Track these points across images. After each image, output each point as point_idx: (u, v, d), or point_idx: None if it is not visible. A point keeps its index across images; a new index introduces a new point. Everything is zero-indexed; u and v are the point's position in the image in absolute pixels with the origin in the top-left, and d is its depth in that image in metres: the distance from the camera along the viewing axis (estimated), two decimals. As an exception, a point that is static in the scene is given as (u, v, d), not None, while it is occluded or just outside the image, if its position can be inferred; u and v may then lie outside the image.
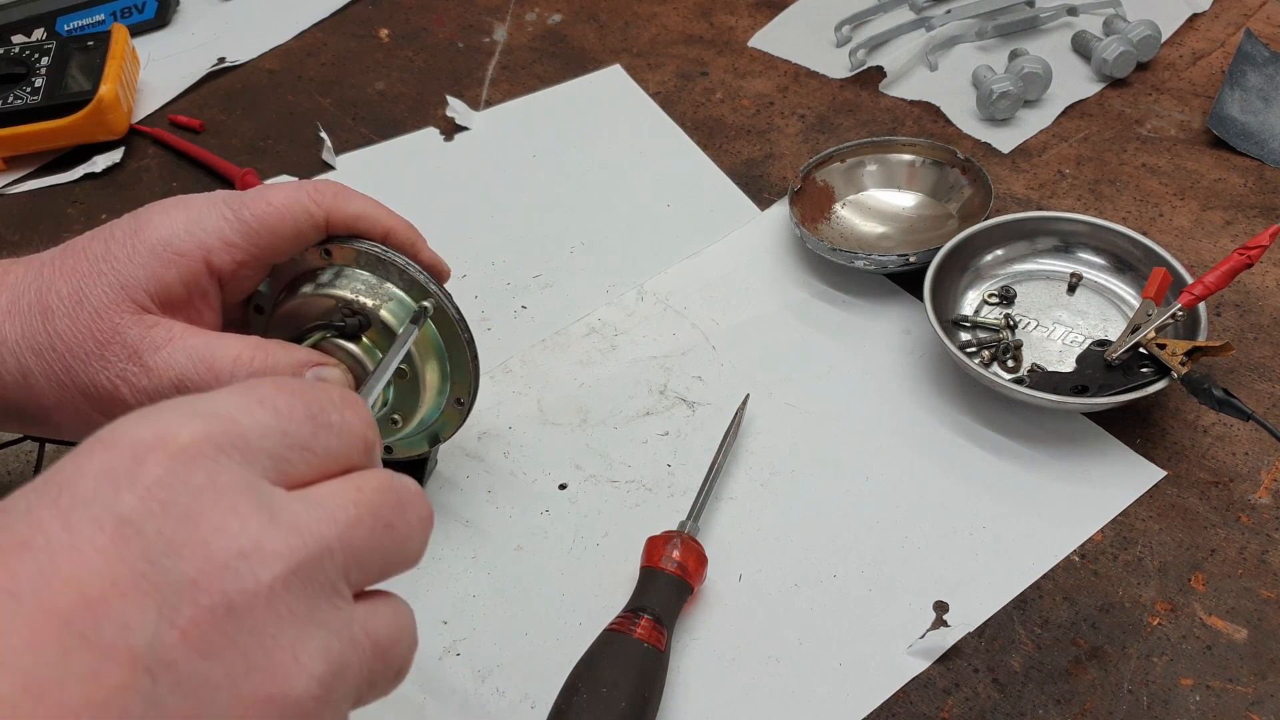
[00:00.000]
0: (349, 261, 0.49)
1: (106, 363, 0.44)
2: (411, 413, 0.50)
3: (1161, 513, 0.55)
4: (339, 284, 0.48)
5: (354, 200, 0.48)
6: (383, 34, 0.91)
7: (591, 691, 0.45)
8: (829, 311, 0.66)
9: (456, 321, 0.49)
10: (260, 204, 0.46)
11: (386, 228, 0.49)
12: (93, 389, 0.44)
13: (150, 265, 0.44)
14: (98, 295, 0.44)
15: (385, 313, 0.48)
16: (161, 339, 0.44)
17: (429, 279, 0.49)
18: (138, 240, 0.45)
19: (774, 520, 0.55)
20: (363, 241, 0.48)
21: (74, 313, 0.44)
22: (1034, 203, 0.72)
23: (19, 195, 0.78)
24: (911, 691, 0.49)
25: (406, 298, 0.49)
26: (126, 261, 0.44)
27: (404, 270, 0.48)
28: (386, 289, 0.48)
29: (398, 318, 0.48)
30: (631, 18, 0.91)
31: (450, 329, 0.50)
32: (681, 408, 0.61)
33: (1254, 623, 0.50)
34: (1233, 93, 0.77)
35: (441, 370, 0.50)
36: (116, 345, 0.44)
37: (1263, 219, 0.69)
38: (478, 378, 0.51)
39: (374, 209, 0.49)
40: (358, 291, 0.48)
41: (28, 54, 0.80)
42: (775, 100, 0.81)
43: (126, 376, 0.44)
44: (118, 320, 0.44)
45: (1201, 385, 0.54)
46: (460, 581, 0.53)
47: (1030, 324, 0.63)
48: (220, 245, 0.45)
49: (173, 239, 0.45)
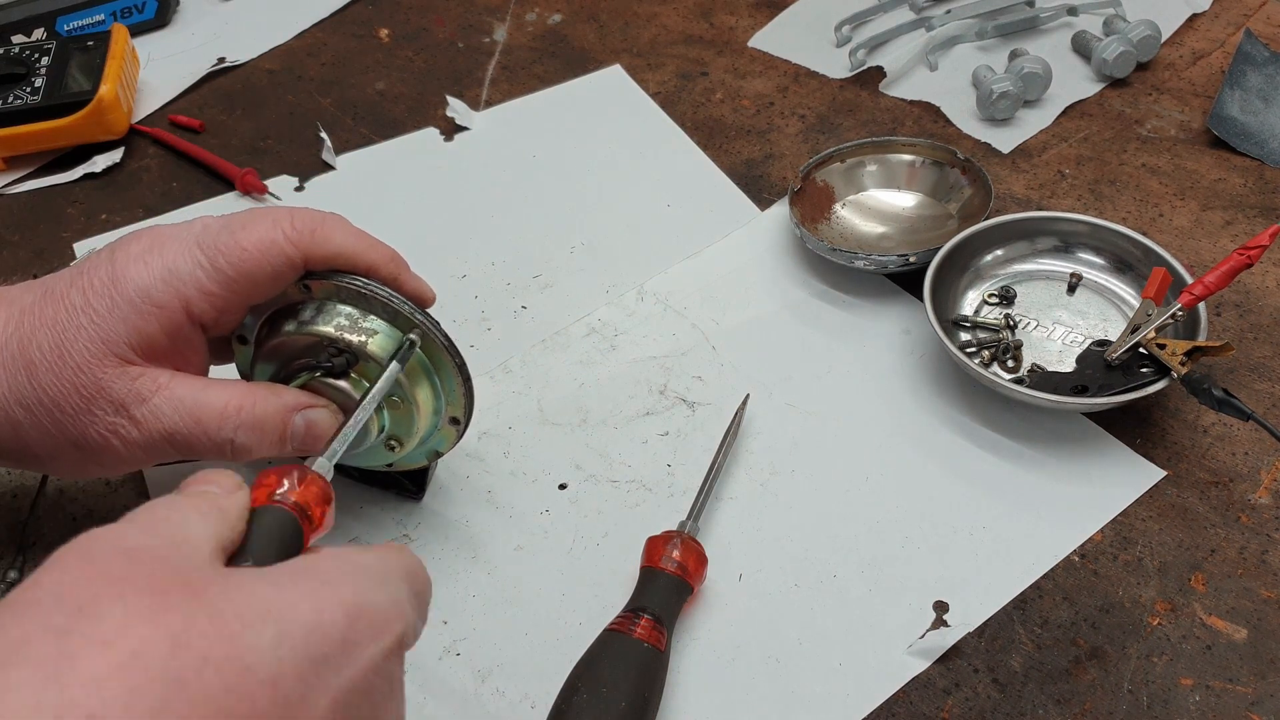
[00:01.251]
0: (330, 295, 0.48)
1: (94, 417, 0.44)
2: (408, 436, 0.50)
3: (1161, 513, 0.55)
4: (321, 320, 0.47)
5: (333, 237, 0.47)
6: (383, 34, 0.91)
7: (591, 691, 0.45)
8: (829, 311, 0.66)
9: (445, 348, 0.49)
10: (235, 250, 0.45)
11: (367, 263, 0.48)
12: (83, 441, 0.44)
13: (130, 319, 0.44)
14: (79, 350, 0.43)
15: (372, 347, 0.47)
16: (147, 390, 0.44)
17: (413, 309, 0.48)
18: (116, 292, 0.44)
19: (774, 520, 0.55)
20: (343, 276, 0.47)
21: (57, 368, 0.43)
22: (1034, 203, 0.72)
23: (19, 195, 0.78)
24: (911, 691, 0.49)
25: (391, 329, 0.48)
26: (106, 315, 0.44)
27: (387, 303, 0.47)
28: (370, 323, 0.48)
29: (384, 350, 0.47)
30: (631, 18, 0.91)
31: (439, 356, 0.49)
32: (681, 408, 0.61)
33: (1254, 623, 0.50)
34: (1233, 93, 0.77)
35: (434, 393, 0.50)
36: (102, 399, 0.44)
37: (1263, 219, 0.69)
38: (472, 398, 0.51)
39: (353, 245, 0.47)
40: (341, 328, 0.47)
41: (28, 54, 0.80)
42: (775, 100, 0.81)
43: (116, 430, 0.44)
44: (100, 375, 0.44)
45: (1201, 385, 0.54)
46: (460, 581, 0.53)
47: (1030, 324, 0.63)
48: (198, 295, 0.45)
49: (150, 291, 0.44)
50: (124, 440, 0.45)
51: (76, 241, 0.73)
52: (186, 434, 0.45)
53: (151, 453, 0.45)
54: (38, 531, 0.56)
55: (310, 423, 0.47)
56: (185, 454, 0.46)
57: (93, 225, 0.75)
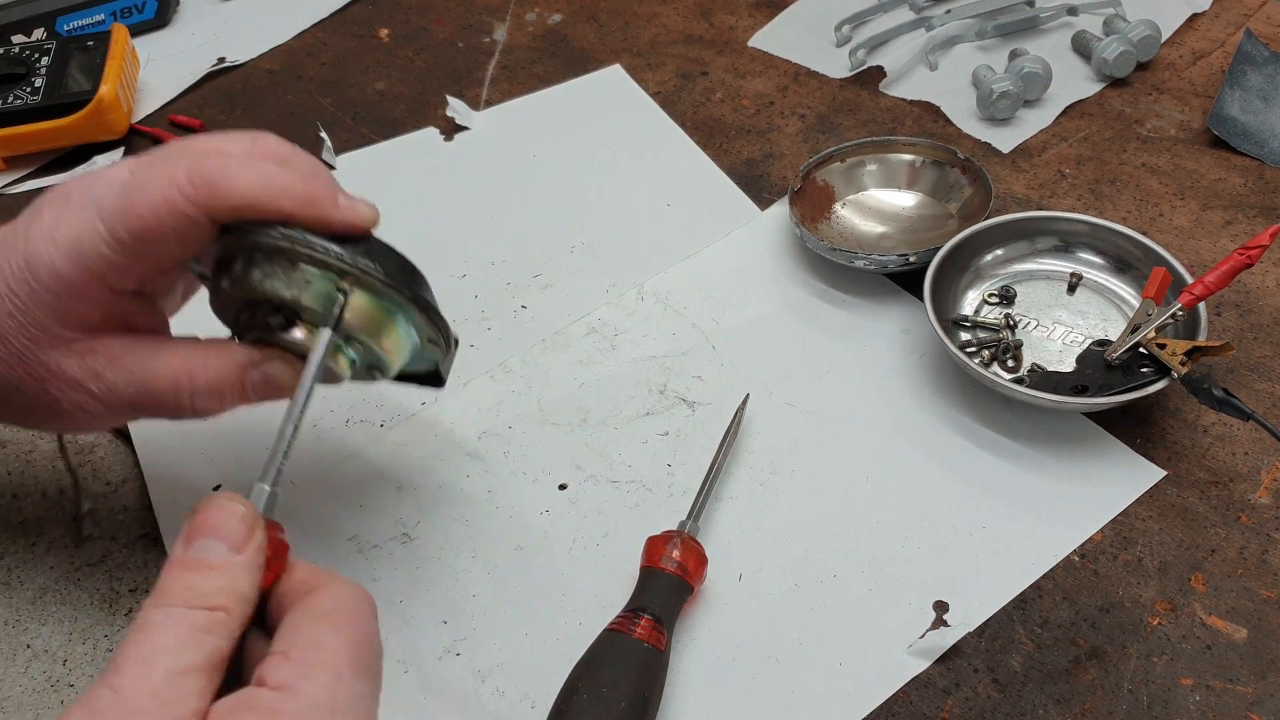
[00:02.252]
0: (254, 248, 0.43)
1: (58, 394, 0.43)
2: (386, 365, 0.47)
3: (1161, 513, 0.55)
4: (253, 276, 0.43)
5: (236, 187, 0.42)
6: (383, 34, 0.91)
7: (591, 691, 0.45)
8: (829, 311, 0.66)
9: (385, 285, 0.43)
10: (131, 218, 0.42)
11: (280, 211, 0.42)
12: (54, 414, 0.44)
13: (51, 302, 0.42)
14: (16, 338, 0.43)
15: (307, 300, 0.43)
16: (99, 365, 0.43)
17: (341, 254, 0.43)
18: (31, 277, 0.42)
19: (774, 520, 0.55)
20: (259, 231, 0.42)
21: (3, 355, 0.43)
22: (1034, 203, 0.72)
23: (19, 195, 0.78)
24: (911, 691, 0.49)
25: (326, 275, 0.43)
26: (28, 300, 0.42)
27: (309, 254, 0.42)
28: (302, 272, 0.43)
29: (321, 297, 0.43)
30: (631, 18, 0.91)
31: (386, 294, 0.44)
32: (681, 408, 0.61)
33: (1254, 623, 0.50)
34: (1233, 93, 0.77)
35: (396, 328, 0.46)
36: (57, 380, 0.43)
37: (1263, 219, 0.69)
38: (439, 322, 0.47)
39: (261, 193, 0.42)
40: (274, 287, 0.43)
41: (28, 54, 0.80)
42: (775, 100, 0.81)
43: (80, 405, 0.43)
44: (45, 357, 0.43)
45: (1201, 385, 0.54)
46: (460, 581, 0.53)
47: (1030, 324, 0.63)
48: (107, 269, 0.42)
49: (61, 272, 0.42)
50: (90, 412, 0.44)
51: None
52: (149, 404, 0.44)
53: (121, 415, 0.45)
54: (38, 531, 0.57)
55: (267, 377, 0.45)
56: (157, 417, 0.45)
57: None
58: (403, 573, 0.54)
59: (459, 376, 0.63)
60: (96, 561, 0.55)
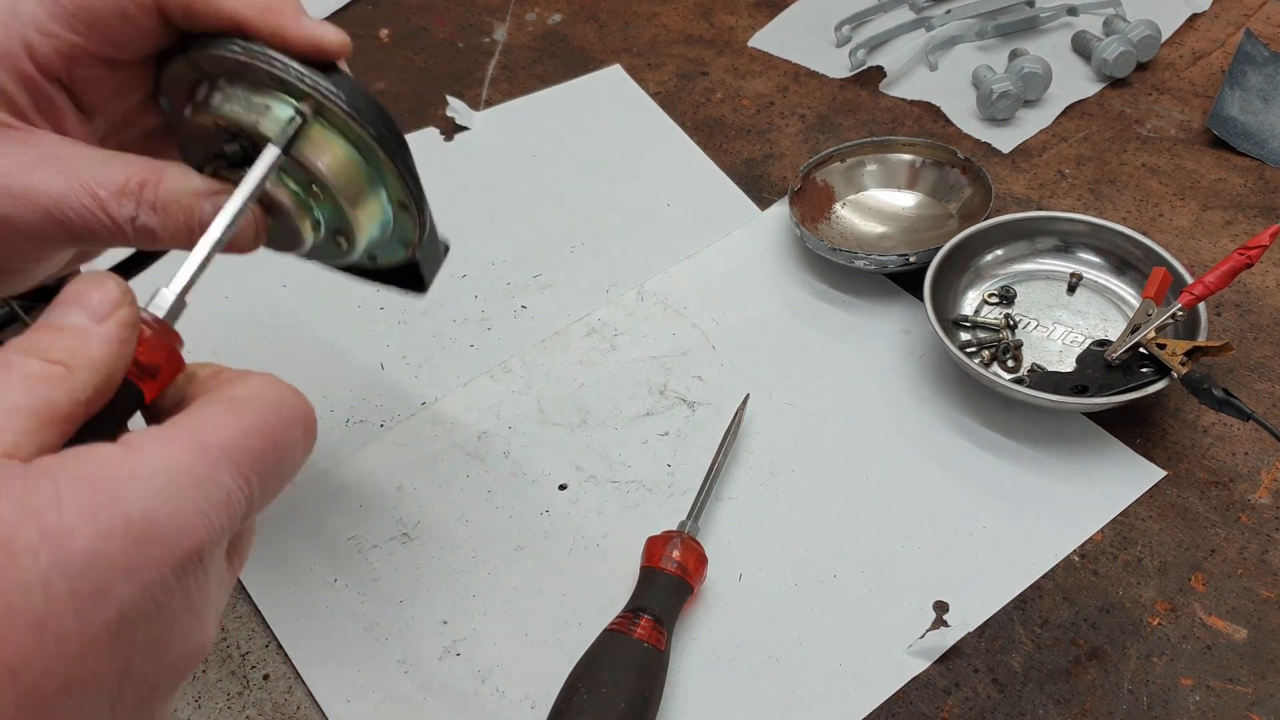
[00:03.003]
0: (213, 68, 0.40)
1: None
2: (351, 229, 0.42)
3: (1161, 513, 0.55)
4: (213, 101, 0.40)
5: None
6: (383, 34, 0.91)
7: (591, 691, 0.45)
8: (829, 311, 0.66)
9: (348, 116, 0.39)
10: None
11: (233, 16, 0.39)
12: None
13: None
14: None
15: (265, 128, 0.39)
16: (31, 158, 0.37)
17: (302, 73, 0.39)
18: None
19: (774, 520, 0.55)
20: (216, 43, 0.39)
21: None
22: (1034, 203, 0.72)
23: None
24: (911, 691, 0.49)
25: (287, 100, 0.40)
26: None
27: (269, 71, 0.39)
28: (262, 96, 0.39)
29: (281, 126, 0.39)
30: (631, 18, 0.91)
31: (346, 125, 0.40)
32: (681, 408, 0.61)
33: (1254, 623, 0.50)
34: (1233, 93, 0.77)
35: (360, 174, 0.41)
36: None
37: (1263, 219, 0.69)
38: (408, 174, 0.42)
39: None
40: (232, 112, 0.39)
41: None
42: (775, 100, 0.81)
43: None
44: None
45: (1201, 385, 0.54)
46: (460, 581, 0.53)
47: (1030, 324, 0.63)
48: (38, 36, 0.38)
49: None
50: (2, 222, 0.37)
51: (76, 241, 0.73)
52: (79, 209, 0.37)
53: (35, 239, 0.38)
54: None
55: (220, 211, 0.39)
56: (78, 239, 0.39)
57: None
58: (403, 573, 0.54)
59: (459, 376, 0.63)
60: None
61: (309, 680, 0.50)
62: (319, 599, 0.53)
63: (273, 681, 0.51)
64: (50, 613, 0.25)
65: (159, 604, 0.28)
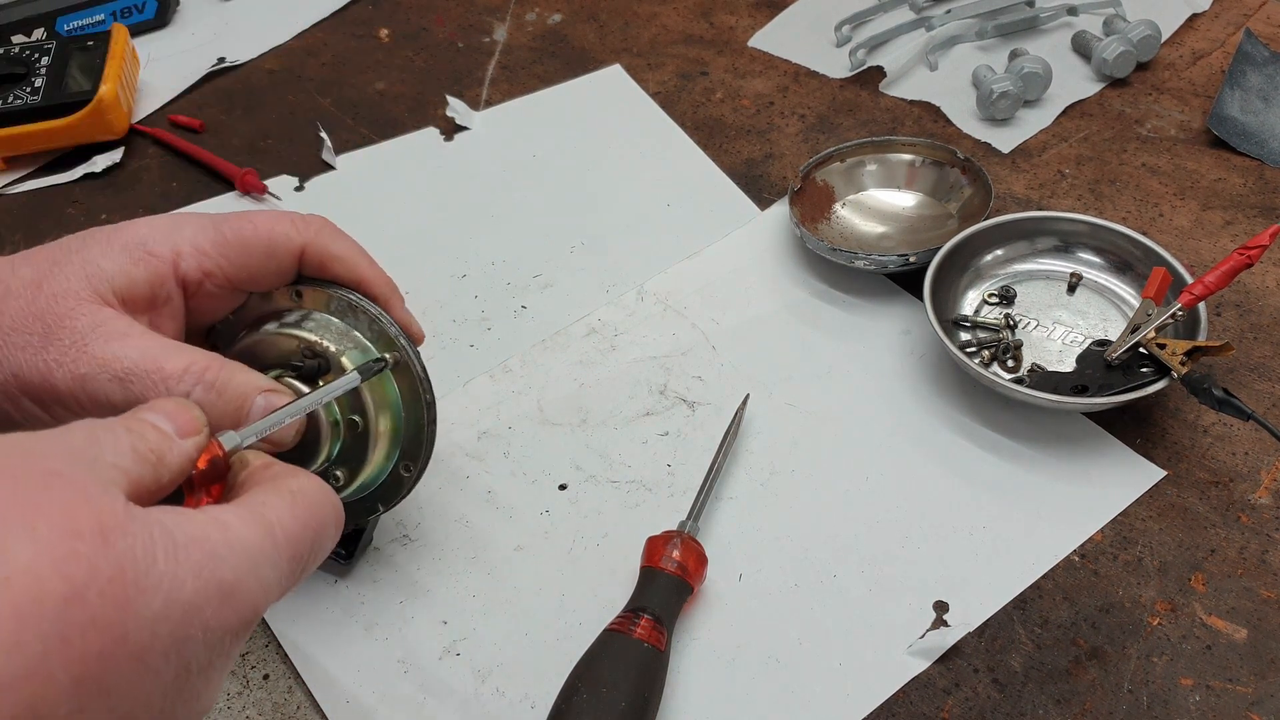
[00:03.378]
0: (319, 306, 0.47)
1: (48, 346, 0.42)
2: (356, 470, 0.48)
3: (1161, 513, 0.55)
4: (305, 326, 0.46)
5: (337, 240, 0.47)
6: (383, 34, 0.91)
7: (591, 691, 0.45)
8: (829, 311, 0.66)
9: (420, 380, 0.47)
10: (243, 220, 0.45)
11: (363, 276, 0.47)
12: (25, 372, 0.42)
13: (120, 260, 0.43)
14: (60, 281, 0.42)
15: (346, 360, 0.46)
16: (117, 331, 0.42)
17: (399, 333, 0.47)
18: (114, 236, 0.44)
19: (774, 520, 0.55)
20: (336, 287, 0.47)
21: (30, 294, 0.42)
22: (1034, 203, 0.72)
23: (19, 195, 0.78)
24: (911, 691, 0.49)
25: (372, 348, 0.47)
26: (99, 255, 0.43)
27: (375, 320, 0.46)
28: (353, 337, 0.46)
29: (367, 365, 0.46)
30: (631, 18, 0.91)
31: (413, 389, 0.47)
32: (681, 408, 0.61)
33: (1254, 623, 0.50)
34: (1233, 93, 0.77)
35: (395, 430, 0.48)
36: (65, 330, 0.42)
37: (1263, 219, 0.69)
38: (431, 446, 0.48)
39: (355, 253, 0.47)
40: (322, 335, 0.46)
41: (28, 54, 0.80)
42: (775, 100, 0.81)
43: (65, 363, 0.42)
44: (73, 305, 0.42)
45: (1201, 385, 0.54)
46: (460, 581, 0.53)
47: (1030, 324, 0.63)
48: (191, 250, 0.44)
49: (148, 239, 0.44)
50: (68, 374, 0.41)
51: (76, 241, 0.73)
52: (142, 377, 0.42)
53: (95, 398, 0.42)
54: None
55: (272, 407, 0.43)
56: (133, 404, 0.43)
57: (93, 225, 0.75)
58: (403, 573, 0.54)
59: (459, 376, 0.63)
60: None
61: (309, 680, 0.50)
62: (319, 599, 0.53)
63: (273, 681, 0.51)
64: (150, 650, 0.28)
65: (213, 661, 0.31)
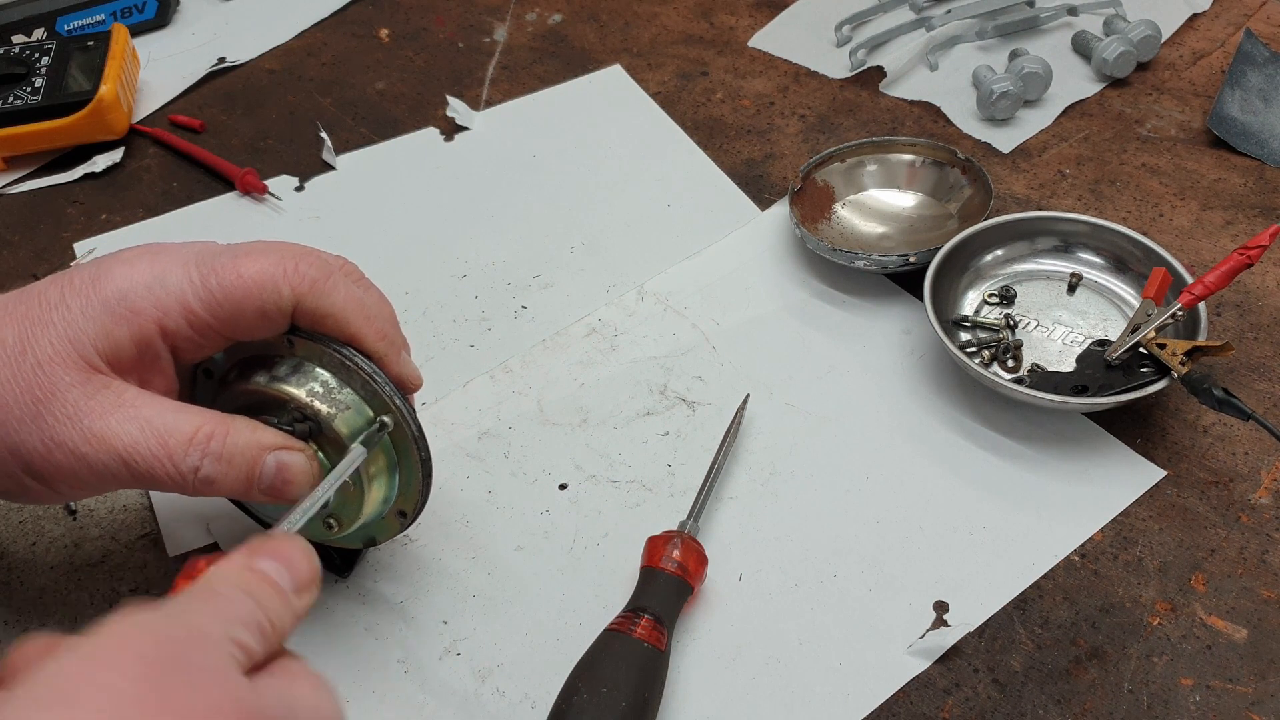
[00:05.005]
0: (311, 357, 0.45)
1: (42, 423, 0.40)
2: (351, 521, 0.47)
3: (1161, 513, 0.55)
4: (295, 380, 0.45)
5: (333, 295, 0.44)
6: (383, 34, 0.91)
7: (592, 691, 0.45)
8: (829, 311, 0.66)
9: (415, 440, 0.46)
10: (230, 274, 0.42)
11: (357, 332, 0.45)
12: (23, 449, 0.41)
13: (102, 320, 0.41)
14: (44, 346, 0.40)
15: (339, 424, 0.45)
16: (110, 404, 0.41)
17: (393, 392, 0.45)
18: (93, 292, 0.41)
19: (774, 520, 0.55)
20: (330, 342, 0.45)
21: (16, 362, 0.40)
22: (1034, 203, 0.72)
23: (19, 195, 0.78)
24: (911, 691, 0.49)
25: (366, 408, 0.46)
26: (79, 313, 0.41)
27: (368, 381, 0.45)
28: (345, 395, 0.45)
29: (351, 429, 0.45)
30: (631, 18, 0.91)
31: (405, 446, 0.47)
32: (681, 408, 0.61)
33: (1254, 623, 0.50)
34: (1233, 93, 0.77)
35: (390, 483, 0.48)
36: (56, 405, 0.40)
37: (1263, 219, 0.69)
38: (427, 494, 0.48)
39: (350, 312, 0.44)
40: (313, 394, 0.45)
41: (28, 54, 0.80)
42: (775, 100, 0.81)
43: (64, 442, 0.40)
44: (62, 376, 0.40)
45: (1201, 385, 0.54)
46: (460, 581, 0.53)
47: (1030, 324, 0.63)
48: (178, 309, 0.42)
49: (129, 294, 0.42)
50: (70, 454, 0.40)
51: (76, 241, 0.73)
52: (147, 456, 0.41)
53: (99, 475, 0.41)
54: (38, 531, 0.57)
55: (282, 465, 0.43)
56: (139, 481, 0.42)
57: (93, 225, 0.75)
58: (403, 573, 0.54)
59: (459, 376, 0.63)
60: (96, 561, 0.55)
61: (309, 680, 0.50)
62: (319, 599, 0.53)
63: (273, 681, 0.50)
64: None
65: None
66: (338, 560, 0.53)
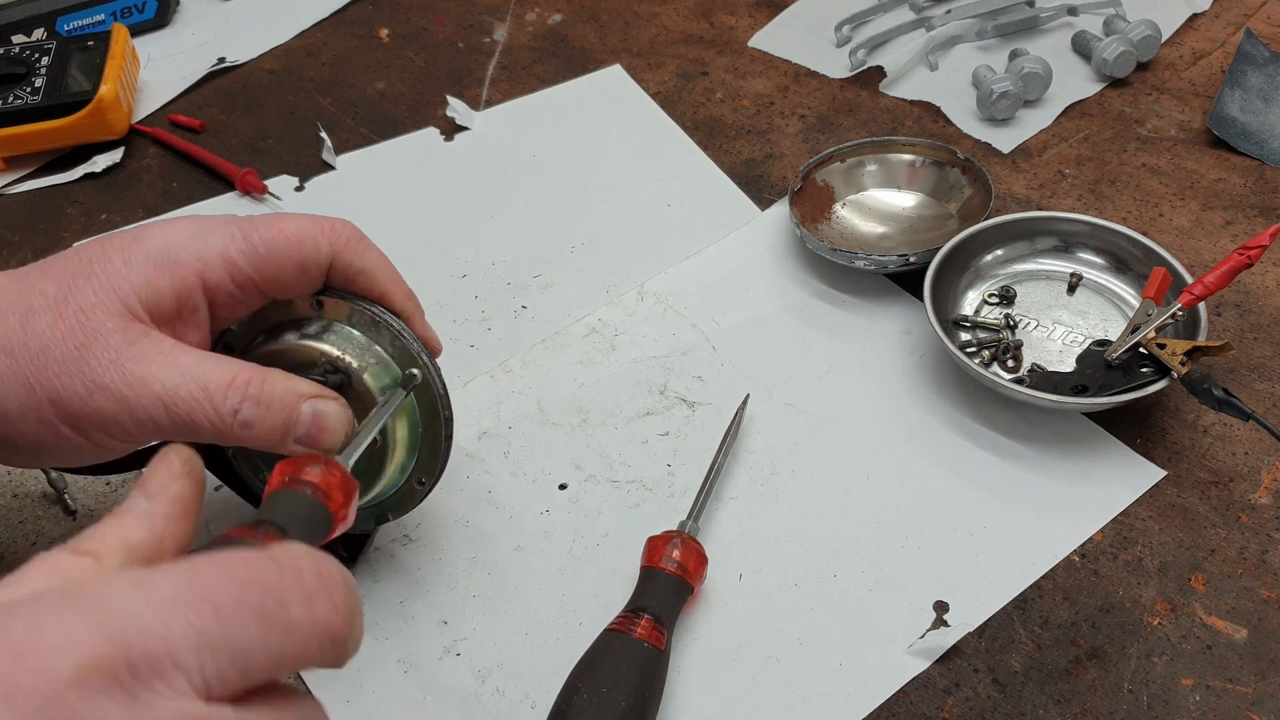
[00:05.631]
0: (340, 317, 0.47)
1: (84, 365, 0.41)
2: (370, 485, 0.48)
3: (1161, 513, 0.55)
4: (326, 338, 0.46)
5: (366, 253, 0.46)
6: (383, 34, 0.91)
7: (591, 691, 0.45)
8: (829, 311, 0.66)
9: (440, 398, 0.47)
10: (272, 229, 0.44)
11: (387, 290, 0.47)
12: (64, 396, 0.41)
13: (145, 271, 0.42)
14: (85, 295, 0.41)
15: (369, 376, 0.46)
16: (151, 350, 0.41)
17: (421, 349, 0.47)
18: (136, 246, 0.43)
19: (774, 520, 0.55)
20: (359, 299, 0.47)
21: (57, 310, 0.41)
22: (1034, 203, 0.72)
23: (19, 195, 0.78)
24: (911, 691, 0.49)
25: (394, 364, 0.47)
26: (121, 264, 0.42)
27: (397, 336, 0.47)
28: (375, 352, 0.47)
29: (379, 383, 0.46)
30: (631, 18, 0.91)
31: (431, 405, 0.48)
32: (681, 408, 0.61)
33: (1254, 623, 0.50)
34: (1233, 93, 0.77)
35: (411, 446, 0.48)
36: (98, 349, 0.41)
37: (1263, 219, 0.69)
38: (446, 460, 0.49)
39: (380, 267, 0.47)
40: (344, 350, 0.46)
41: (28, 54, 0.80)
42: (775, 100, 0.81)
43: (106, 385, 0.41)
44: (104, 321, 0.41)
45: (1201, 385, 0.54)
46: (460, 581, 0.53)
47: (1030, 324, 0.63)
48: (220, 262, 0.43)
49: (171, 247, 0.43)
50: (114, 398, 0.41)
51: (76, 242, 0.73)
52: (187, 399, 0.41)
53: (138, 421, 0.41)
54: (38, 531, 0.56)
55: (318, 413, 0.43)
56: (177, 427, 0.42)
57: (93, 225, 0.75)
58: (403, 573, 0.54)
59: (459, 376, 0.63)
60: (96, 561, 0.55)
61: (308, 679, 0.50)
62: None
63: (273, 681, 0.50)
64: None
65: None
66: (341, 549, 0.53)
